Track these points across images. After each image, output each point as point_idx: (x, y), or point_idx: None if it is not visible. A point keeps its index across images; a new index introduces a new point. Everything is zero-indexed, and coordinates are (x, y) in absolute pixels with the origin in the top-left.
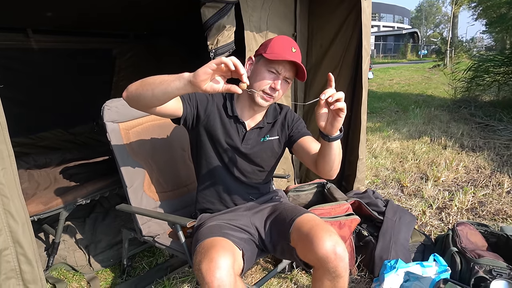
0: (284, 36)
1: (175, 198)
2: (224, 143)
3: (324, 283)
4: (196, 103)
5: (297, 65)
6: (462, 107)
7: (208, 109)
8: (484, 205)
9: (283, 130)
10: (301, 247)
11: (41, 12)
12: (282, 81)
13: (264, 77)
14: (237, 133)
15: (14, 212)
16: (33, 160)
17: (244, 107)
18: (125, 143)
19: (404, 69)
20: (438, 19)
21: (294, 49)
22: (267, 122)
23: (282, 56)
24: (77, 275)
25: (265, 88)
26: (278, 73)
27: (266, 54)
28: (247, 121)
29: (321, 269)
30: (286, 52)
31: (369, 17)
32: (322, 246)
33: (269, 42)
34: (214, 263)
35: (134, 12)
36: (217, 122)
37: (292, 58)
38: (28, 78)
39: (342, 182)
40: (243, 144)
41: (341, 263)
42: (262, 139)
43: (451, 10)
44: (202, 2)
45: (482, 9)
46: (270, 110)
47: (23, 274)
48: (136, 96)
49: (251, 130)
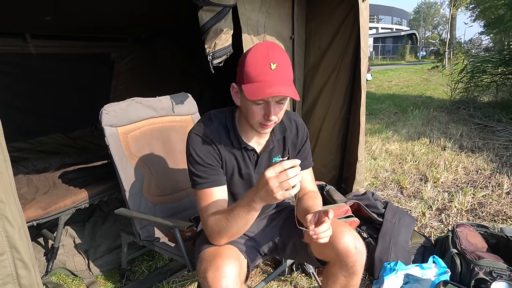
0: (260, 48)
1: (174, 202)
2: (237, 177)
3: (339, 279)
4: (218, 167)
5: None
6: (461, 108)
7: (223, 161)
8: (483, 206)
9: (294, 150)
10: (317, 243)
11: (40, 17)
12: (274, 107)
13: (253, 111)
14: (250, 161)
15: (10, 217)
16: (32, 164)
17: (248, 131)
18: (123, 147)
19: (403, 71)
20: (436, 21)
21: (274, 65)
22: (276, 140)
23: (261, 92)
24: (77, 280)
25: (259, 121)
26: (266, 102)
27: (244, 87)
28: (256, 145)
29: (337, 264)
30: (266, 77)
31: (367, 19)
32: (343, 240)
33: (244, 64)
34: (220, 272)
35: (132, 17)
36: (232, 162)
37: (272, 92)
38: (27, 83)
39: (341, 184)
40: (256, 170)
41: (360, 258)
42: (274, 160)
43: (450, 12)
44: (200, 5)
45: (480, 11)
46: (276, 126)
47: (20, 279)
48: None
49: (262, 154)
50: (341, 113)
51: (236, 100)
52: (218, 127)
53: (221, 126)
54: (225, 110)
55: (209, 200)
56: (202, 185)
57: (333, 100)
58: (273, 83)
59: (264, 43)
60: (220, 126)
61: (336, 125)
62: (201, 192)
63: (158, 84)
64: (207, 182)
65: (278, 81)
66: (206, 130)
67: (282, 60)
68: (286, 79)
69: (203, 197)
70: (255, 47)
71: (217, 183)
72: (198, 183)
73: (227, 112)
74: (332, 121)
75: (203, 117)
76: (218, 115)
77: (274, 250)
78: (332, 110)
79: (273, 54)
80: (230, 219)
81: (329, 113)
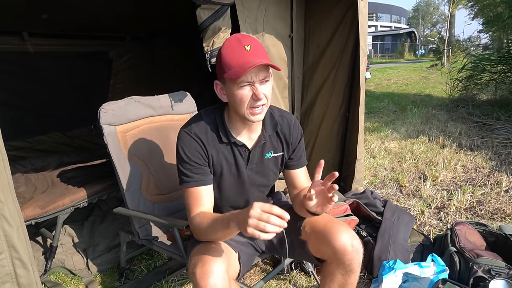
0: (231, 38)
1: (173, 200)
2: (228, 174)
3: (336, 277)
4: (205, 165)
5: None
6: (460, 106)
7: (210, 158)
8: (482, 204)
9: (288, 147)
10: (315, 240)
11: (37, 15)
12: (260, 86)
13: (241, 96)
14: (242, 157)
15: (8, 216)
16: (30, 163)
17: (238, 127)
18: (122, 146)
19: (402, 69)
20: (435, 19)
21: (248, 47)
22: (268, 135)
23: (242, 69)
24: (75, 279)
25: (249, 105)
26: (251, 83)
27: (227, 74)
28: (247, 141)
29: (335, 262)
30: (243, 58)
31: (366, 17)
32: (340, 238)
33: (220, 58)
34: (207, 268)
35: (130, 16)
36: (221, 159)
37: (252, 64)
38: (25, 82)
39: (340, 183)
40: (248, 166)
41: (357, 256)
42: (266, 156)
43: (448, 10)
44: (198, 4)
45: (479, 8)
46: (267, 121)
47: (19, 278)
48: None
49: (254, 149)
50: (340, 111)
51: (222, 97)
52: (208, 123)
53: (211, 123)
54: (217, 107)
55: (195, 200)
56: (188, 184)
57: (332, 98)
58: (251, 59)
59: (233, 35)
60: (210, 122)
61: (335, 123)
62: (187, 190)
63: (157, 82)
64: (193, 181)
65: (255, 57)
66: (195, 127)
67: (254, 42)
68: (262, 55)
69: (189, 196)
70: (227, 40)
71: (203, 183)
72: (184, 181)
73: (218, 108)
74: (331, 119)
75: (195, 115)
76: (209, 112)
77: (272, 247)
78: (331, 109)
79: (244, 39)
80: (210, 228)
81: (328, 112)
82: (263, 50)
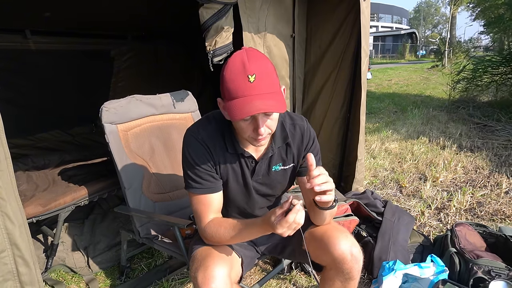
0: (236, 60)
1: (173, 199)
2: (234, 183)
3: (335, 284)
4: (213, 171)
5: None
6: (461, 108)
7: (217, 166)
8: (482, 206)
9: (299, 156)
10: (315, 247)
11: (40, 13)
12: (262, 121)
13: (242, 127)
14: (248, 167)
15: (11, 214)
16: (31, 161)
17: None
18: (123, 144)
19: (403, 70)
20: (436, 20)
21: (252, 77)
22: (276, 147)
23: (241, 111)
24: (76, 277)
25: (250, 136)
26: (253, 117)
27: (227, 108)
28: (254, 152)
29: (334, 269)
30: (246, 91)
31: (368, 18)
32: (339, 246)
33: (223, 82)
34: (209, 273)
35: (132, 15)
36: (227, 168)
37: (252, 109)
38: (26, 79)
39: (341, 183)
40: (253, 178)
41: (356, 265)
42: (273, 168)
43: (450, 11)
44: (200, 3)
45: (480, 10)
46: (278, 133)
47: (21, 276)
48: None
49: (261, 161)
50: (341, 112)
51: (225, 114)
52: (216, 130)
53: (218, 131)
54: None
55: (205, 206)
56: (196, 190)
57: (333, 98)
58: (253, 98)
59: (239, 53)
60: (218, 130)
61: (336, 123)
62: (196, 196)
63: (158, 81)
64: (203, 188)
65: (258, 94)
66: (203, 133)
67: (260, 69)
68: (267, 90)
69: (198, 202)
70: (231, 60)
71: (213, 190)
72: (192, 187)
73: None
74: (332, 119)
75: (203, 118)
76: (218, 117)
77: (273, 250)
78: (332, 109)
79: (249, 65)
80: (238, 235)
81: (329, 112)
82: (269, 79)
